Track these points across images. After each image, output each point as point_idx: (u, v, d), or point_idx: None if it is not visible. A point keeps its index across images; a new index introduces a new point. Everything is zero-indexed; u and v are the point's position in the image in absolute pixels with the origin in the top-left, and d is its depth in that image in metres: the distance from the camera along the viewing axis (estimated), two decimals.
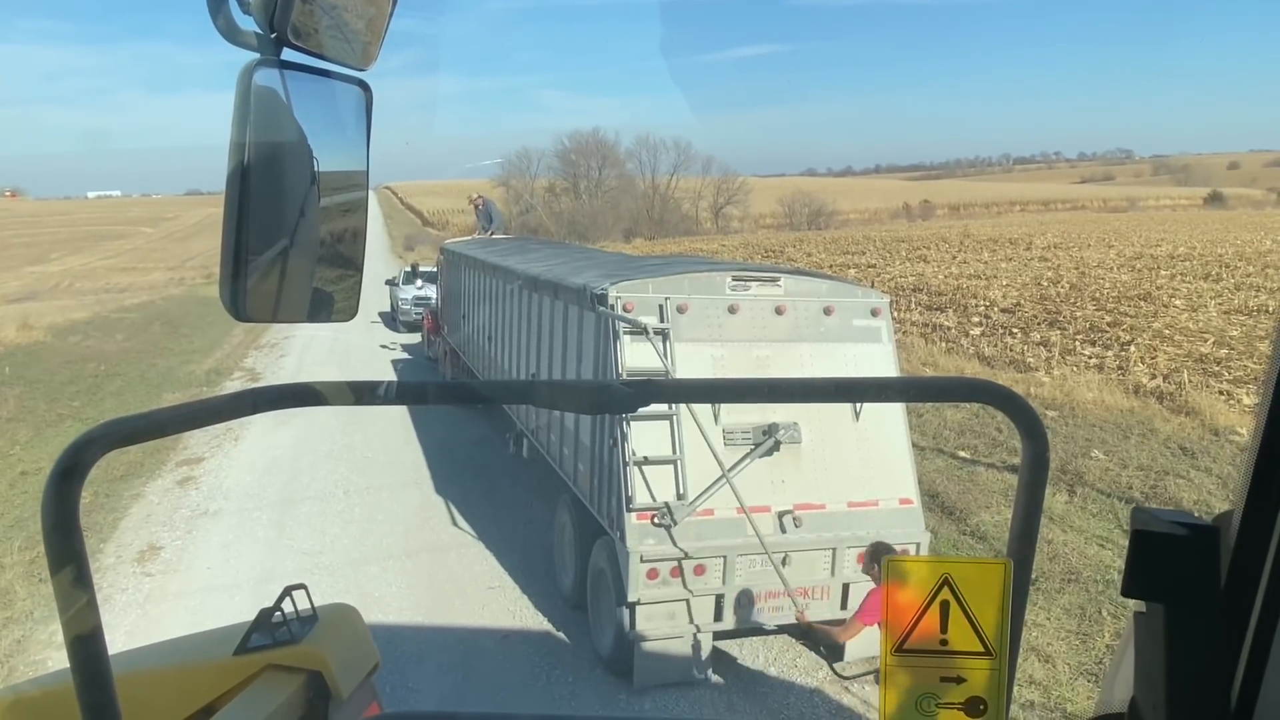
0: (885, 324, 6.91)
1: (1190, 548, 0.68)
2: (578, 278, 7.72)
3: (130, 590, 8.17)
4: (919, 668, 0.80)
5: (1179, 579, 0.68)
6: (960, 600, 0.79)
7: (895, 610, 0.80)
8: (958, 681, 0.80)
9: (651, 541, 6.12)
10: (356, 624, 2.20)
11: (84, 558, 0.78)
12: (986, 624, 0.79)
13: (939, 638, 0.79)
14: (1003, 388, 0.86)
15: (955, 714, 0.80)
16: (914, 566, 0.79)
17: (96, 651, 0.78)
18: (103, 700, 0.79)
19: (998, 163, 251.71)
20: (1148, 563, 0.68)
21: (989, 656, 0.79)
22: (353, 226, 1.37)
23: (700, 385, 1.63)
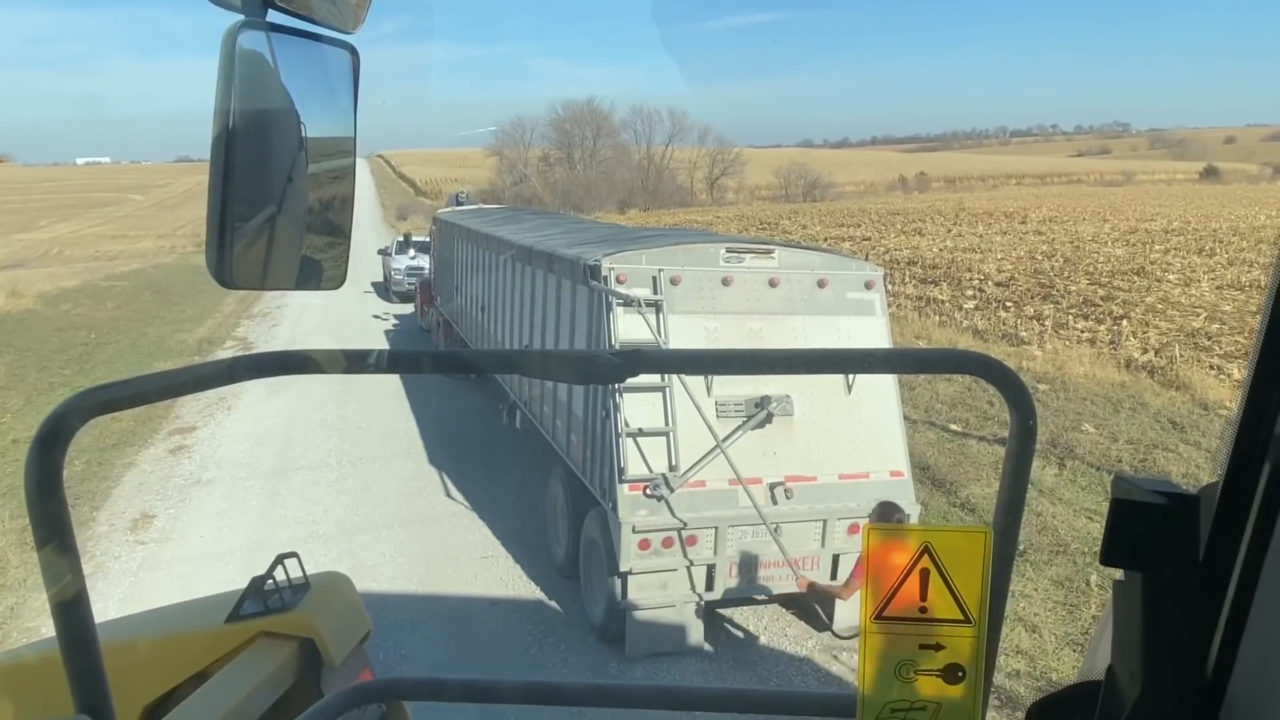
0: (879, 297, 6.91)
1: (1170, 517, 0.68)
2: (571, 249, 7.68)
3: (124, 558, 8.19)
4: (898, 635, 0.81)
5: (1157, 548, 0.68)
6: (940, 568, 0.79)
7: (876, 577, 0.81)
8: (936, 649, 0.81)
9: (644, 512, 6.15)
10: (348, 592, 2.21)
11: (68, 524, 0.78)
12: (967, 592, 0.80)
13: (918, 605, 0.80)
14: (991, 359, 0.86)
15: (933, 680, 0.81)
16: (895, 534, 0.80)
17: (81, 616, 0.78)
18: (89, 664, 0.79)
19: (995, 135, 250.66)
20: (1127, 531, 0.68)
21: (968, 624, 0.80)
22: (341, 194, 1.35)
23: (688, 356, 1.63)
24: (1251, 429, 0.72)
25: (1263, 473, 0.71)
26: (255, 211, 1.18)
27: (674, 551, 6.25)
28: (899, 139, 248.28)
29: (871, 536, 0.80)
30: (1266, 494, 0.70)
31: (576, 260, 7.05)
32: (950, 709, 0.82)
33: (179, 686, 2.03)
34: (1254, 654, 0.68)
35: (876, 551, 0.80)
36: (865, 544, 0.80)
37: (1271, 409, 0.72)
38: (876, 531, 0.80)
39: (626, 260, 6.54)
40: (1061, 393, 13.01)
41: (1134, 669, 0.69)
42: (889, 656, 0.82)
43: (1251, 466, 0.72)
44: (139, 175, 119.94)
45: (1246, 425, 0.73)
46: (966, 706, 0.81)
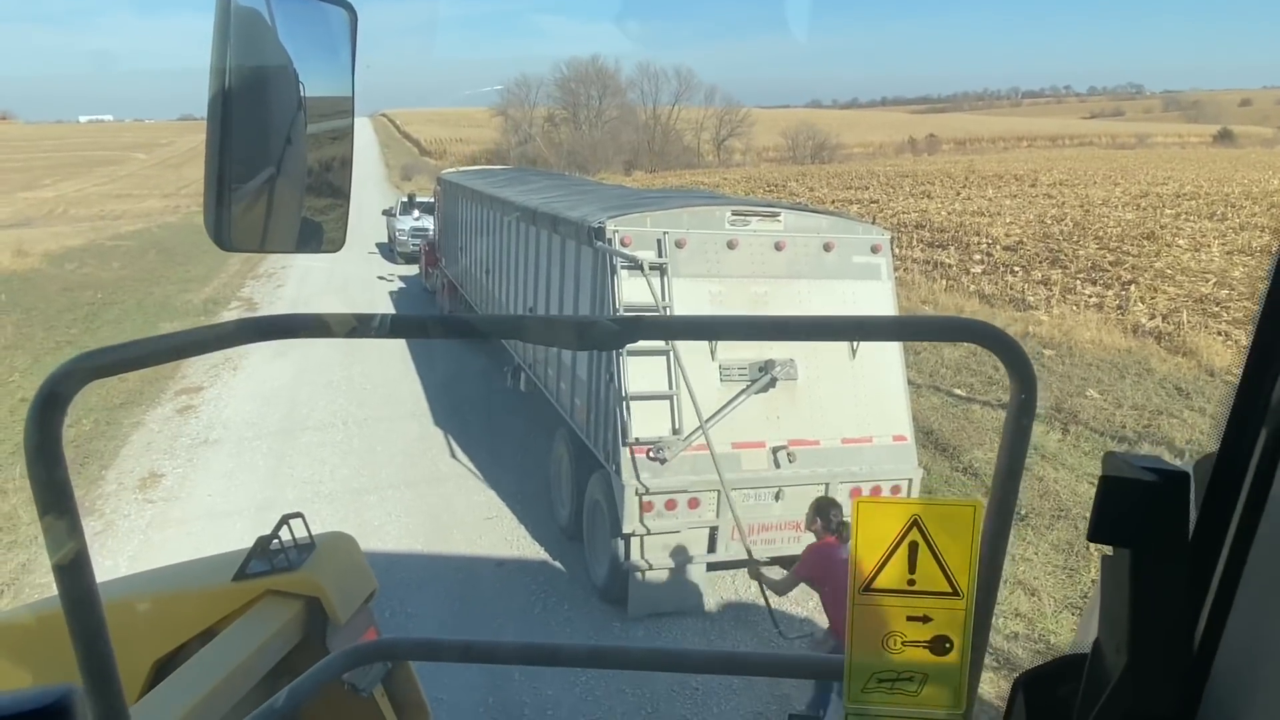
0: (885, 261, 6.86)
1: (1159, 494, 0.68)
2: (576, 211, 7.63)
3: (132, 517, 8.29)
4: (886, 607, 0.82)
5: (1146, 525, 0.68)
6: (929, 541, 0.80)
7: (864, 550, 0.81)
8: (924, 620, 0.81)
9: (647, 475, 6.19)
10: (353, 552, 2.24)
11: (67, 485, 0.78)
12: (955, 565, 0.80)
13: (907, 578, 0.80)
14: (992, 328, 0.86)
15: (921, 651, 0.82)
16: (883, 508, 0.80)
17: (82, 577, 0.79)
18: (91, 624, 0.79)
19: (1006, 96, 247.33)
20: (1115, 508, 0.68)
21: (956, 597, 0.81)
22: (340, 154, 1.34)
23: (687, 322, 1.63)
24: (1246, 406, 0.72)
25: (1257, 444, 0.70)
26: (254, 173, 1.17)
27: (677, 514, 6.30)
28: (909, 100, 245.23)
29: (861, 509, 0.80)
30: (1260, 466, 0.70)
31: (581, 222, 7.01)
32: (938, 679, 0.83)
33: (187, 643, 2.06)
34: (1240, 630, 0.69)
35: (865, 524, 0.80)
36: (854, 517, 0.80)
37: (1269, 380, 0.71)
38: (866, 504, 0.80)
39: (631, 222, 6.50)
40: (1067, 358, 12.98)
41: (1120, 643, 0.70)
42: (876, 628, 0.82)
43: (1244, 443, 0.72)
44: (142, 133, 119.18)
45: (1240, 402, 0.73)
46: (954, 677, 0.82)
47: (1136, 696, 0.70)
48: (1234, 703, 0.67)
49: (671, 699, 5.71)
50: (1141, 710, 0.69)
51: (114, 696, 0.80)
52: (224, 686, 1.78)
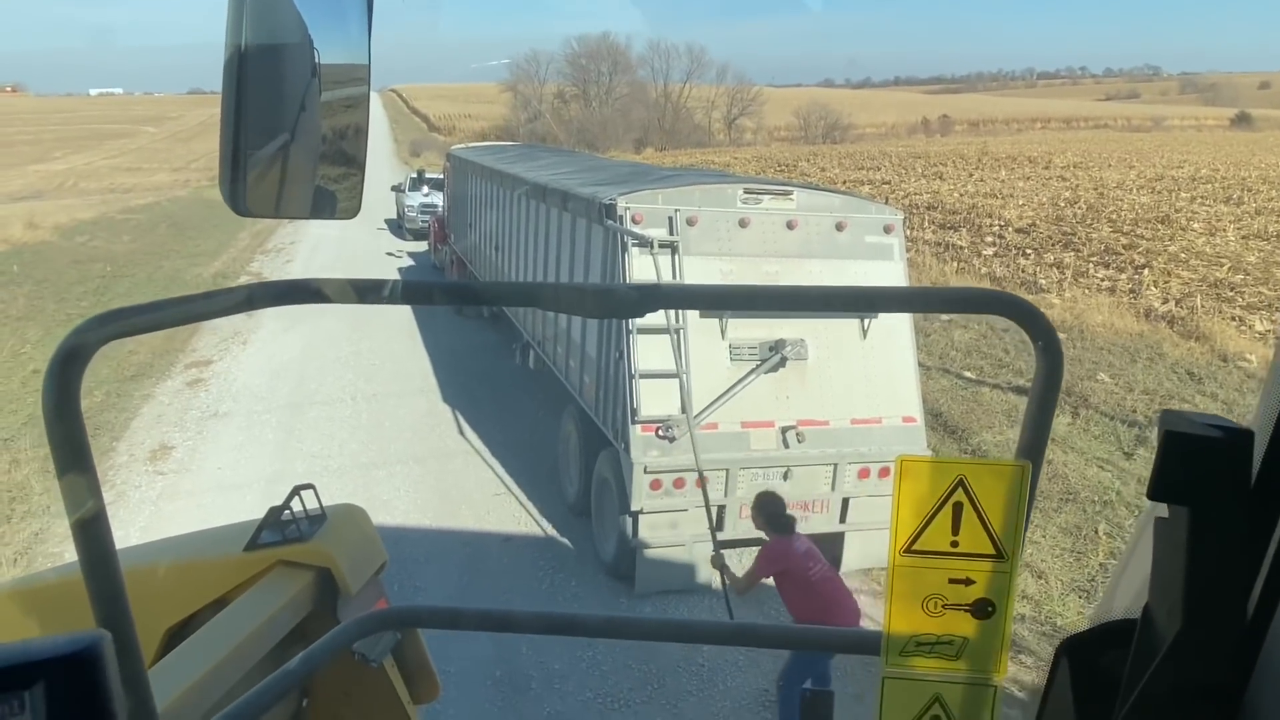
0: (898, 241, 6.82)
1: (1221, 450, 0.66)
2: (586, 187, 7.60)
3: (143, 488, 8.35)
4: (927, 569, 0.80)
5: (1207, 482, 0.66)
6: (975, 502, 0.78)
7: (907, 511, 0.79)
8: (966, 583, 0.80)
9: (655, 453, 6.19)
10: (364, 524, 2.24)
11: (86, 445, 0.77)
12: (999, 526, 0.78)
13: (950, 539, 0.78)
14: (1019, 299, 0.84)
15: (962, 615, 0.80)
16: (928, 467, 0.78)
17: (101, 536, 0.78)
18: (109, 584, 0.79)
19: (1021, 77, 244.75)
20: (1176, 465, 0.66)
21: (1000, 559, 0.79)
22: (355, 123, 1.33)
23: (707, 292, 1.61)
24: None
25: None
26: (268, 139, 1.16)
27: (685, 492, 6.31)
28: (923, 79, 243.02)
29: (905, 468, 0.78)
30: None
31: (592, 199, 6.98)
32: (977, 643, 0.81)
33: (199, 611, 2.08)
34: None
35: (909, 483, 0.78)
36: (897, 476, 0.78)
37: None
38: (910, 463, 0.78)
39: (642, 200, 6.47)
40: (1079, 341, 12.91)
41: (1173, 606, 0.68)
42: (917, 591, 0.81)
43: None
44: (152, 107, 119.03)
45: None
46: (994, 641, 0.81)
47: (1189, 665, 0.68)
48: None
49: (677, 673, 5.75)
50: (1193, 679, 0.68)
51: (133, 655, 0.80)
52: (236, 654, 1.79)
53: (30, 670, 0.48)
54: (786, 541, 5.01)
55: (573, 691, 5.56)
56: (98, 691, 0.50)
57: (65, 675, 0.49)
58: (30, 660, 0.48)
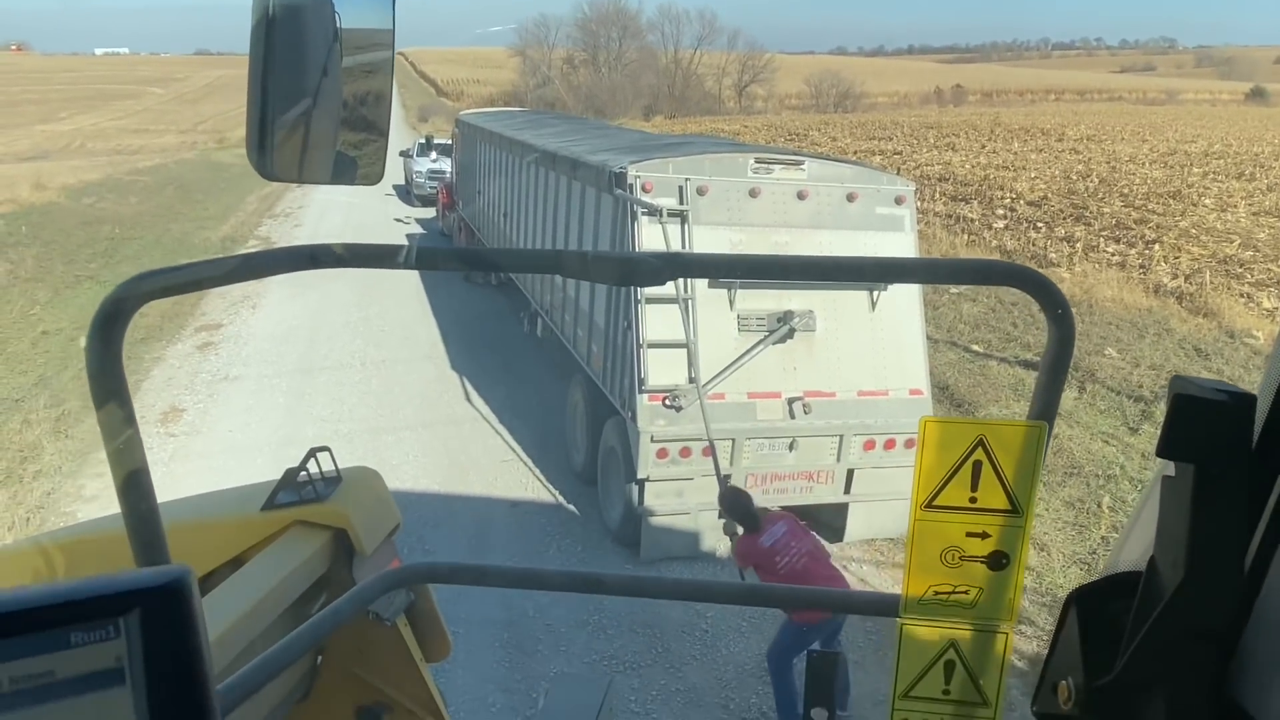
0: (909, 213, 6.79)
1: (1227, 412, 0.70)
2: (596, 155, 7.56)
3: (155, 449, 8.42)
4: (947, 523, 0.86)
5: (1212, 442, 0.70)
6: (993, 460, 0.83)
7: (929, 469, 0.84)
8: (983, 537, 0.85)
9: (662, 422, 6.23)
10: (378, 486, 2.28)
11: (128, 399, 0.81)
12: (1016, 483, 0.84)
13: (969, 495, 0.84)
14: (1031, 270, 0.87)
15: (978, 566, 0.86)
16: (949, 428, 0.84)
17: (144, 488, 0.82)
18: (152, 534, 0.83)
19: (1036, 47, 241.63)
20: (1184, 424, 0.71)
21: (1014, 514, 0.84)
22: (376, 88, 1.34)
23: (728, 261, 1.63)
24: None
25: None
26: (291, 104, 1.17)
27: (690, 461, 6.35)
28: (936, 48, 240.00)
29: (928, 429, 0.83)
30: None
31: (601, 167, 6.95)
32: (992, 593, 0.87)
33: (216, 570, 2.12)
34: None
35: (931, 443, 0.83)
36: (920, 436, 0.83)
37: None
38: (933, 424, 0.83)
39: (652, 168, 6.44)
40: (1087, 316, 12.87)
41: (1176, 559, 0.73)
42: (936, 542, 0.86)
43: None
44: (158, 68, 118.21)
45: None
46: (1007, 591, 0.87)
47: (1190, 611, 0.73)
48: None
49: (682, 638, 5.83)
50: (1194, 624, 0.73)
51: None
52: (254, 612, 1.83)
53: (125, 599, 0.51)
54: (751, 540, 4.99)
55: (579, 654, 5.65)
56: (189, 620, 0.53)
57: (159, 604, 0.52)
58: (123, 590, 0.51)
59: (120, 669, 0.51)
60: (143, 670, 0.51)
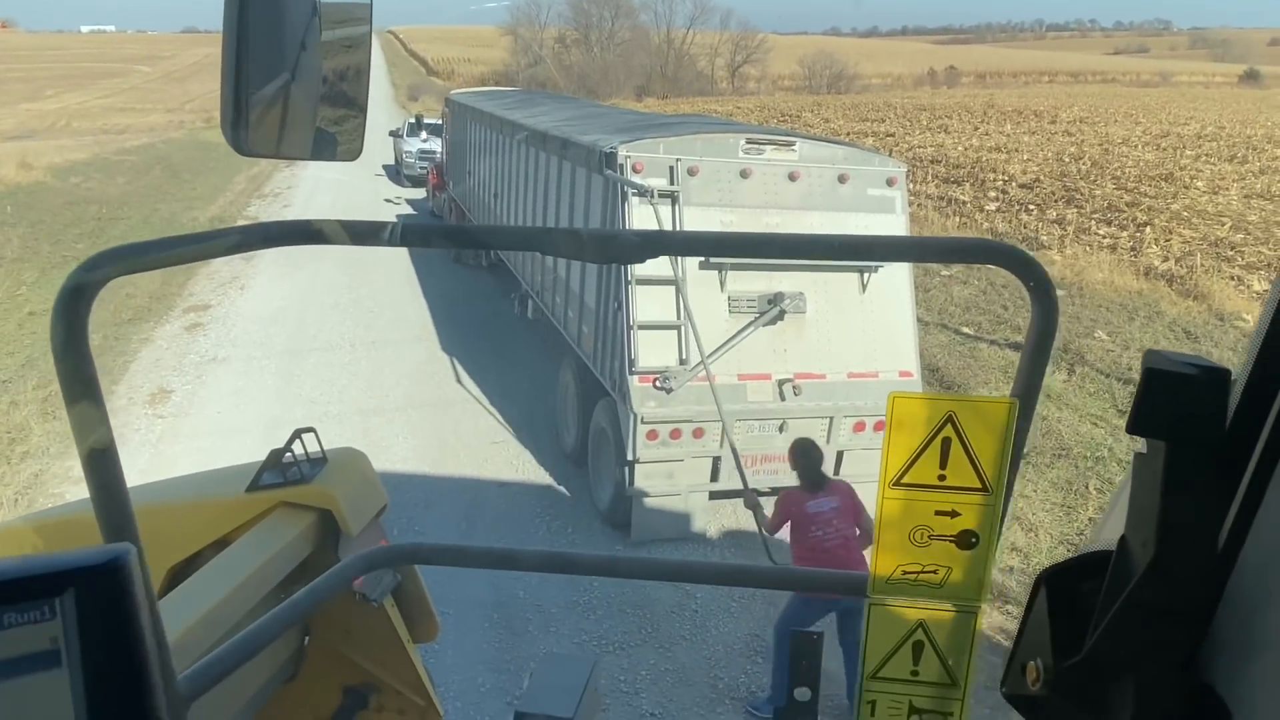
0: (900, 194, 6.78)
1: (1199, 388, 0.69)
2: (586, 135, 7.51)
3: (143, 431, 8.39)
4: (915, 501, 0.84)
5: (1184, 418, 0.69)
6: (962, 437, 0.81)
7: (897, 446, 0.83)
8: (952, 515, 0.84)
9: (652, 404, 6.23)
10: (364, 467, 2.27)
11: (94, 378, 0.79)
12: (986, 461, 0.82)
13: (938, 473, 0.82)
14: (1015, 249, 0.86)
15: (947, 545, 0.84)
16: (918, 404, 0.82)
17: (111, 467, 0.80)
18: (120, 514, 0.81)
19: (1030, 29, 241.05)
20: (1155, 400, 0.69)
21: (985, 493, 0.83)
22: (356, 63, 1.32)
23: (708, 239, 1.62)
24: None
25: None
26: (269, 78, 1.15)
27: (681, 443, 6.36)
28: (931, 29, 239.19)
29: (896, 404, 0.81)
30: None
31: (592, 147, 6.91)
32: (961, 572, 0.86)
33: (201, 551, 2.11)
34: (1266, 529, 0.70)
35: (900, 419, 0.81)
36: (889, 412, 0.81)
37: None
38: (901, 399, 0.81)
39: (643, 149, 6.40)
40: (1077, 299, 12.91)
41: (1147, 538, 0.72)
42: (905, 521, 0.85)
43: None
44: (145, 46, 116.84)
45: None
46: (978, 570, 0.85)
47: (1160, 590, 0.72)
48: (1257, 598, 0.69)
49: (671, 619, 5.86)
50: (1164, 604, 0.72)
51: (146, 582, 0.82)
52: (238, 593, 1.83)
53: (60, 579, 0.50)
54: (798, 494, 4.97)
55: (568, 634, 5.67)
56: (126, 601, 0.52)
57: (95, 584, 0.51)
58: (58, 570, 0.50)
59: (56, 651, 0.50)
60: (79, 652, 0.50)
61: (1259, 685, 0.67)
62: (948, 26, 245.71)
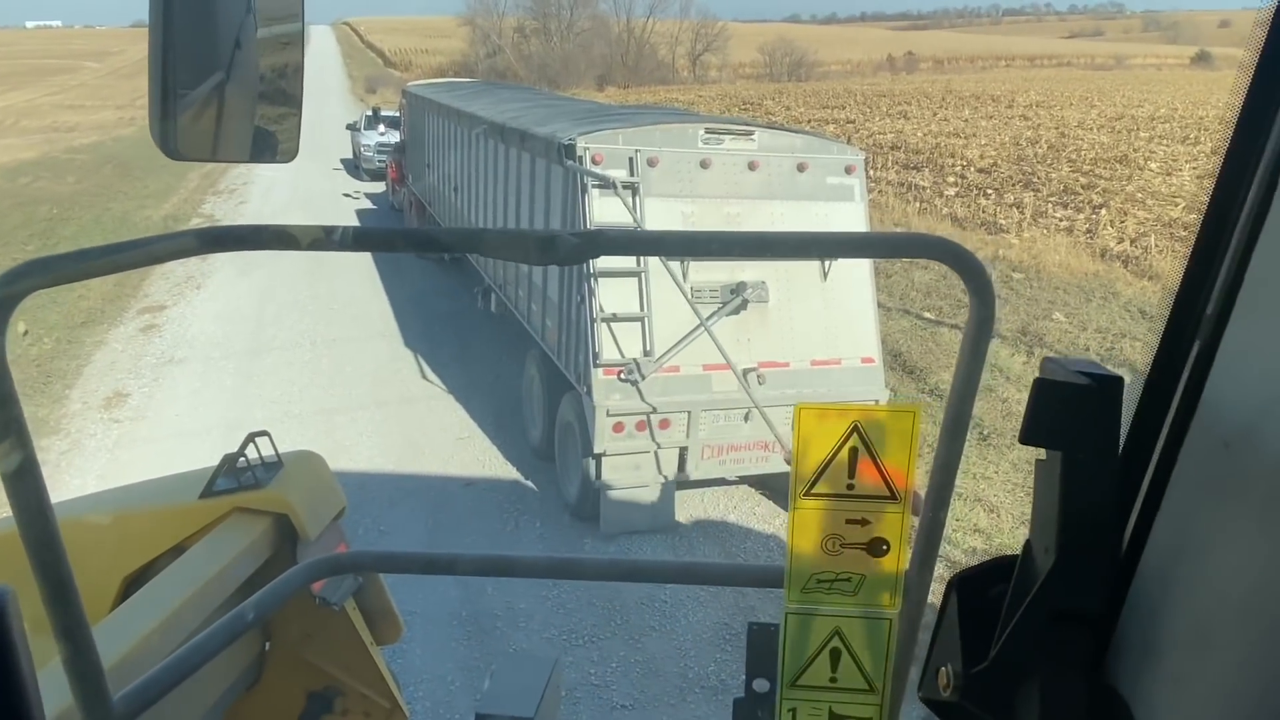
0: (859, 182, 6.81)
1: (1090, 397, 0.70)
2: (545, 126, 7.46)
3: (99, 436, 8.22)
4: (826, 510, 0.85)
5: (1077, 427, 0.70)
6: (870, 447, 0.82)
7: (805, 456, 0.83)
8: (862, 523, 0.85)
9: (618, 396, 6.22)
10: (321, 469, 2.24)
11: (12, 395, 0.76)
12: (893, 470, 0.83)
13: (846, 482, 0.83)
14: (952, 243, 0.86)
15: (858, 553, 0.86)
16: (825, 414, 0.83)
17: (33, 486, 0.77)
18: (45, 534, 0.79)
19: (987, 14, 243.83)
20: (1047, 411, 0.70)
21: (894, 501, 0.84)
22: (292, 61, 1.29)
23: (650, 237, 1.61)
24: (1183, 310, 0.74)
25: (1190, 353, 0.72)
26: (202, 78, 1.12)
27: (647, 434, 6.36)
28: (889, 15, 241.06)
29: (802, 415, 0.82)
30: (1192, 373, 0.71)
31: (551, 139, 6.86)
32: (875, 580, 0.87)
33: (156, 560, 2.07)
34: (1167, 532, 0.71)
35: (807, 430, 0.82)
36: (795, 423, 0.82)
37: (1204, 293, 0.72)
38: (808, 410, 0.82)
39: (602, 140, 6.37)
40: (1035, 281, 13.10)
41: (1049, 544, 0.73)
42: (816, 530, 0.86)
43: (1180, 347, 0.73)
44: (93, 41, 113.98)
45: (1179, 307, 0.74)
46: (890, 578, 0.86)
47: (1063, 594, 0.73)
48: (1158, 601, 0.70)
49: (640, 611, 5.87)
50: (1068, 607, 0.72)
51: (73, 606, 0.80)
52: (193, 601, 1.79)
53: None
54: None
55: (537, 629, 5.66)
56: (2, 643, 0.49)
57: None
58: None
59: None
60: None
61: (1161, 686, 0.68)
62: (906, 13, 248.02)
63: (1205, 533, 0.67)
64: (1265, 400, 0.64)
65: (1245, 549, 0.63)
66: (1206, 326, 0.71)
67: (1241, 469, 0.64)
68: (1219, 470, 0.67)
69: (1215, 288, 0.72)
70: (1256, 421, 0.64)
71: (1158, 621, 0.70)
